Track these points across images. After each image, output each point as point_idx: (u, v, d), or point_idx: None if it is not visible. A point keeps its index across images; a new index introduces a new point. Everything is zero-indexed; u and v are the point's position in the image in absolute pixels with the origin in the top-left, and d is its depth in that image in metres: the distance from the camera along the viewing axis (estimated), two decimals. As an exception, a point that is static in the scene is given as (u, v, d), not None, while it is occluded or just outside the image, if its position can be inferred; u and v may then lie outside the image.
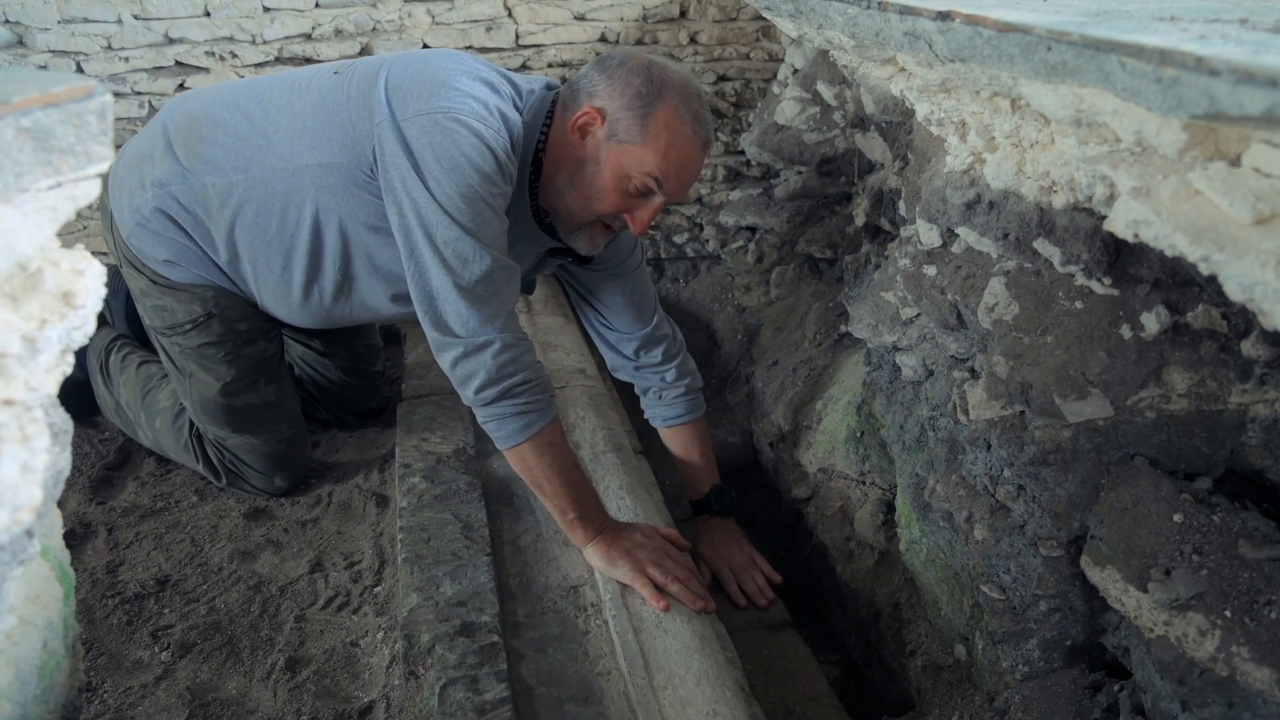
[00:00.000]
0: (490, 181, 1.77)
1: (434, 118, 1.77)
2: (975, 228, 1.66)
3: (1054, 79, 1.16)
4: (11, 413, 0.71)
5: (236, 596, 1.98)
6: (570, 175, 1.89)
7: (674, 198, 1.90)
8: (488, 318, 1.80)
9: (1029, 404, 1.52)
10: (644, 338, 2.29)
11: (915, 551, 1.93)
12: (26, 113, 0.78)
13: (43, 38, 2.87)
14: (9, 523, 0.68)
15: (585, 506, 1.92)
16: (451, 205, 1.76)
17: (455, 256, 1.77)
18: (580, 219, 1.93)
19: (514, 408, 1.84)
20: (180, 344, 2.19)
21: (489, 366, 1.81)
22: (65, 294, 0.87)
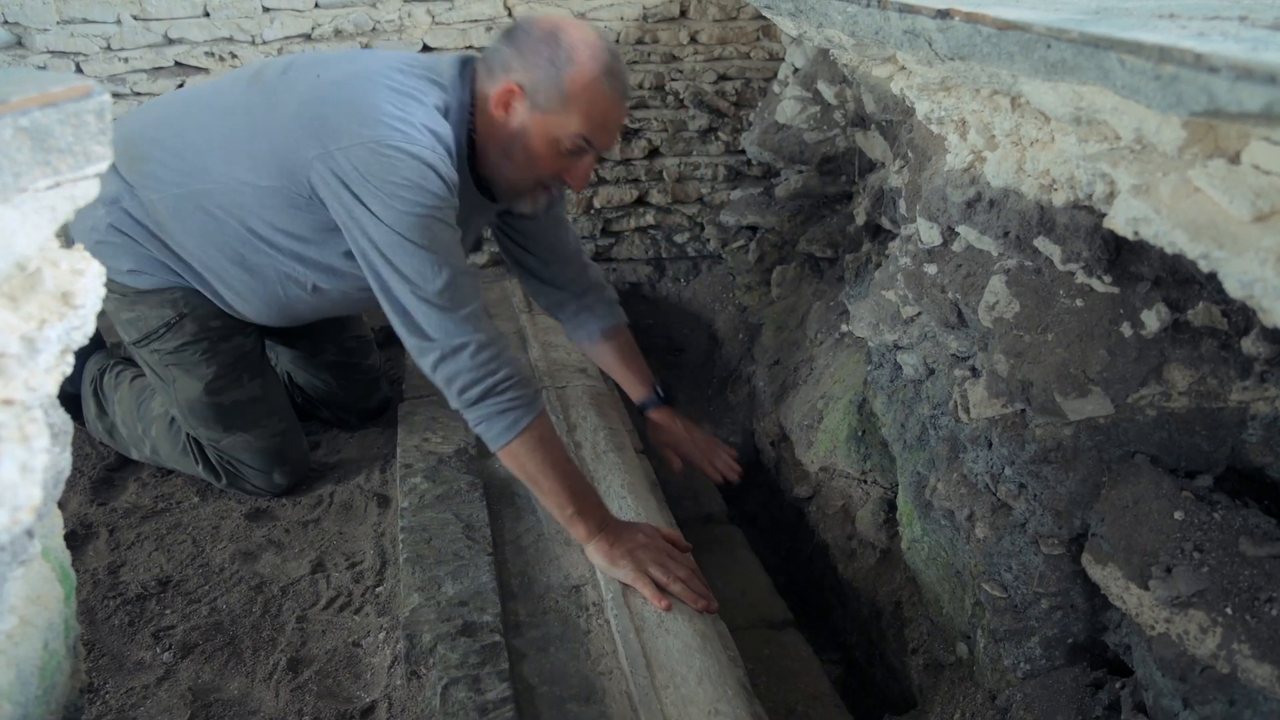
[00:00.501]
0: (435, 197, 1.82)
1: (368, 147, 1.80)
2: (976, 226, 1.66)
3: (1054, 77, 1.16)
4: (11, 413, 0.71)
5: (238, 597, 1.98)
6: (503, 149, 1.95)
7: (604, 149, 1.97)
8: (460, 320, 1.84)
9: (1030, 402, 1.52)
10: (575, 268, 2.41)
11: (917, 550, 1.93)
12: (25, 112, 0.78)
13: (42, 38, 2.87)
14: (9, 523, 0.68)
15: (583, 501, 1.92)
16: (402, 227, 1.80)
17: (416, 274, 1.82)
18: (521, 186, 2.00)
19: (499, 405, 1.86)
20: (159, 351, 2.20)
21: (468, 367, 1.84)
22: (64, 294, 0.87)
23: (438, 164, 1.83)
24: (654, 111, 3.43)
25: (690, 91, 3.42)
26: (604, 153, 1.99)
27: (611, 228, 3.52)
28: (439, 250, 1.82)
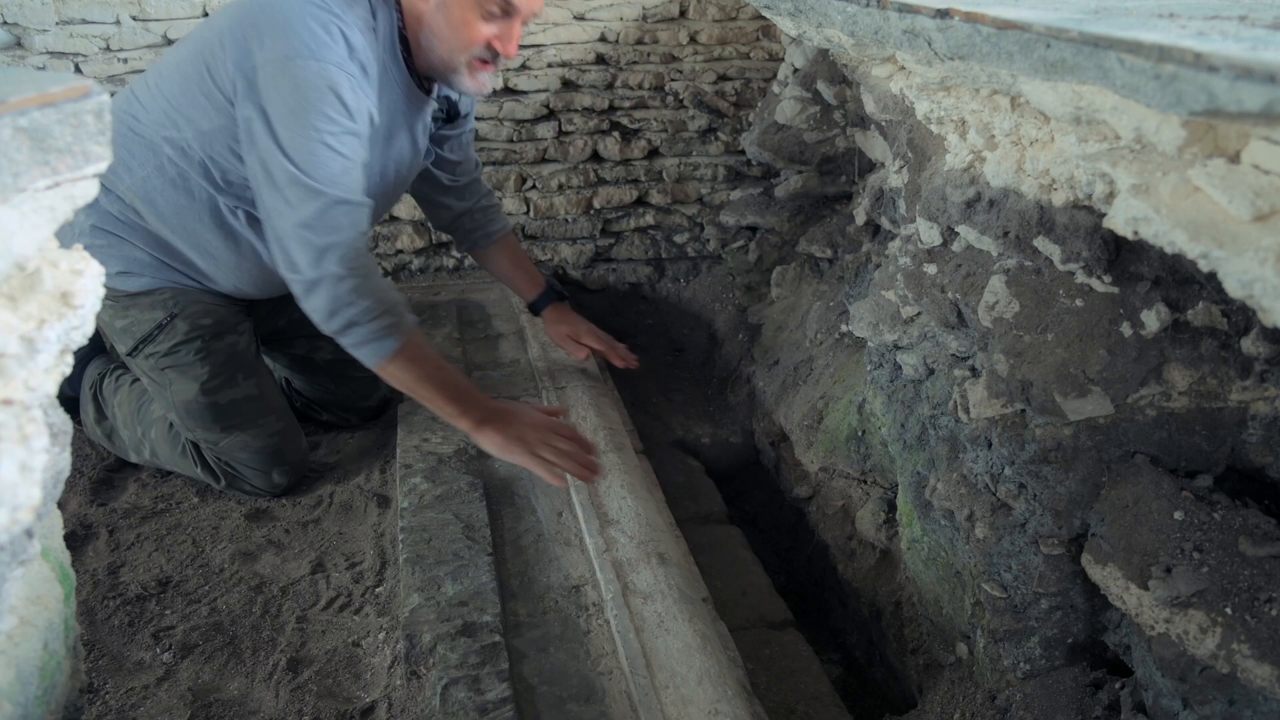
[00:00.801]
0: (331, 121, 1.88)
1: (277, 63, 1.87)
2: (975, 226, 1.66)
3: (1053, 76, 1.16)
4: (10, 412, 0.71)
5: (238, 597, 1.98)
6: (431, 30, 2.02)
7: (528, 10, 2.01)
8: (322, 252, 1.91)
9: (1030, 402, 1.52)
10: (477, 178, 2.58)
11: (916, 550, 1.93)
12: (24, 112, 0.78)
13: (41, 39, 2.87)
14: (8, 522, 0.68)
15: (463, 400, 2.03)
16: (289, 147, 1.88)
17: (290, 198, 1.89)
18: (456, 62, 2.05)
19: (362, 335, 1.96)
20: (153, 355, 2.22)
21: (328, 299, 1.93)
22: (64, 294, 0.87)
23: (341, 84, 1.89)
24: (654, 112, 3.42)
25: (690, 92, 3.42)
26: (529, 13, 2.02)
27: (611, 228, 3.52)
28: (320, 177, 1.89)
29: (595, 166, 3.44)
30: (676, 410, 3.06)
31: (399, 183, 2.29)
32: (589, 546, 1.97)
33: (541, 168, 3.39)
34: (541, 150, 3.37)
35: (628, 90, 3.39)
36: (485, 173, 3.32)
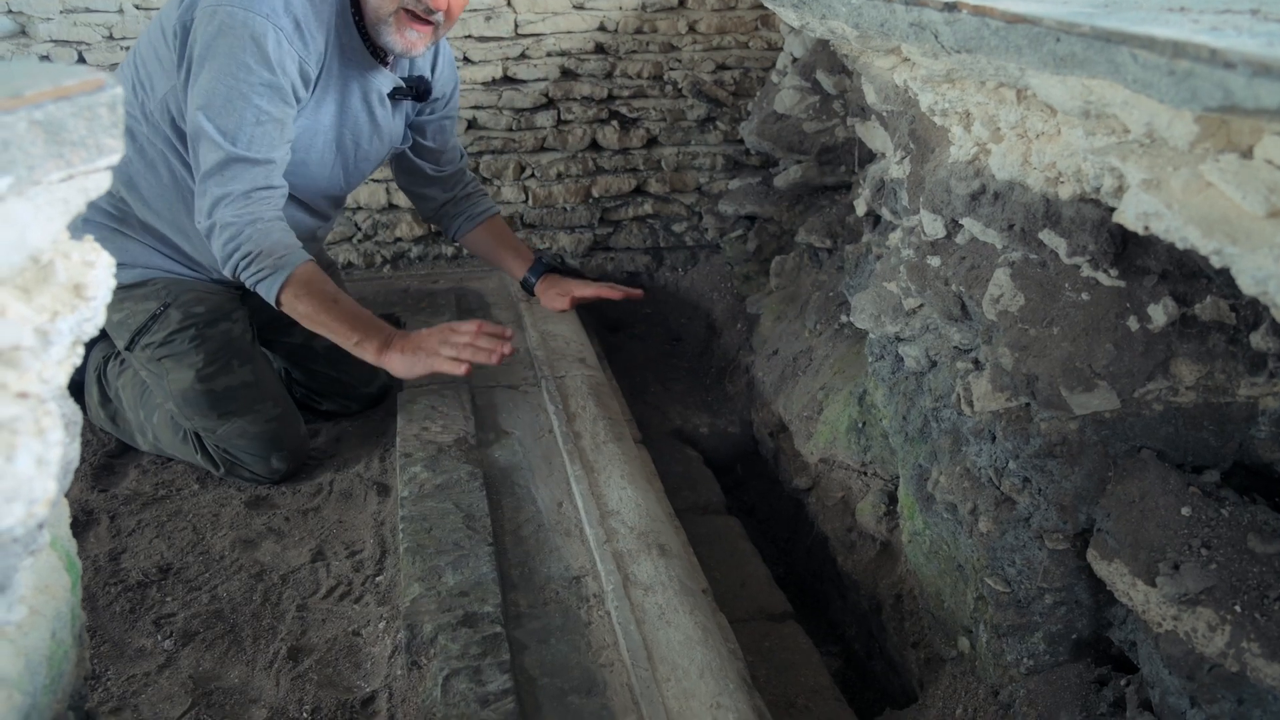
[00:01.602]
0: (249, 70, 1.92)
1: (209, 9, 1.92)
2: (980, 219, 1.65)
3: (1063, 70, 1.16)
4: (26, 406, 0.70)
5: (238, 585, 1.98)
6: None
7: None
8: (216, 201, 1.97)
9: (1035, 396, 1.52)
10: (461, 168, 2.60)
11: (918, 543, 1.93)
12: (39, 106, 0.77)
13: (45, 27, 2.88)
14: (24, 516, 0.67)
15: (364, 329, 2.04)
16: (206, 92, 1.92)
17: (202, 149, 1.95)
18: (384, 11, 2.05)
19: (253, 276, 2.00)
20: (149, 345, 2.24)
21: (217, 246, 2.00)
22: (76, 285, 0.86)
23: (265, 34, 1.92)
24: (652, 101, 3.42)
25: (689, 81, 3.41)
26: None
27: (609, 217, 3.51)
28: (226, 128, 1.94)
29: (594, 155, 3.43)
30: (675, 400, 3.06)
31: (361, 157, 2.30)
32: (589, 537, 1.97)
33: (540, 156, 3.39)
34: (540, 139, 3.37)
35: (626, 79, 3.38)
36: (484, 161, 3.31)
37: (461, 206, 2.60)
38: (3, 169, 0.74)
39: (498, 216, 2.67)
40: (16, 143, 0.76)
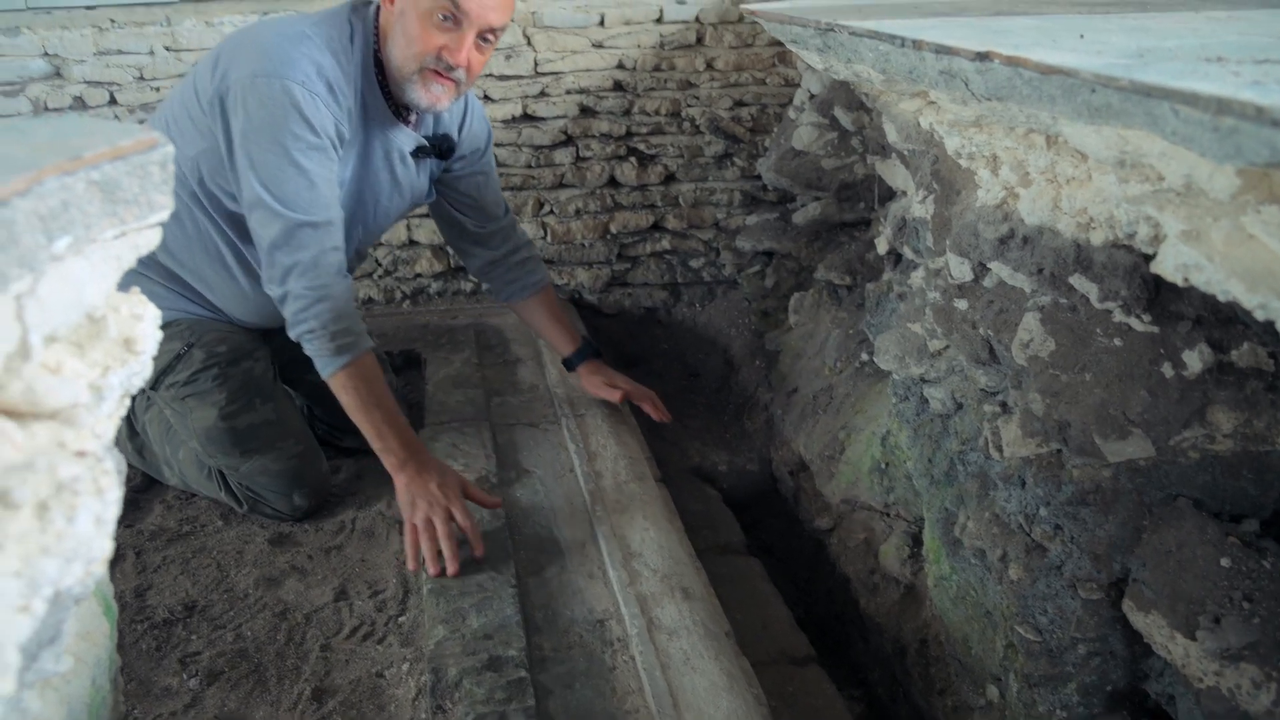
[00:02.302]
0: (296, 138, 1.95)
1: (246, 82, 1.95)
2: (1009, 263, 1.65)
3: (1097, 120, 1.16)
4: (85, 465, 0.70)
5: (263, 624, 1.97)
6: (391, 40, 2.06)
7: (480, 20, 2.00)
8: (287, 271, 2.00)
9: (1067, 442, 1.51)
10: (507, 225, 2.56)
11: (944, 588, 1.92)
12: (97, 166, 0.78)
13: (79, 69, 2.94)
14: (83, 575, 0.68)
15: (385, 440, 2.05)
16: (258, 164, 1.96)
17: (263, 218, 1.99)
18: (408, 70, 2.06)
19: (312, 349, 2.04)
20: (173, 385, 2.26)
21: (288, 313, 2.03)
22: (126, 339, 0.87)
23: (302, 100, 1.95)
24: (670, 137, 3.43)
25: (706, 118, 3.43)
26: (481, 25, 2.01)
27: (627, 253, 3.53)
28: (285, 197, 1.97)
29: (612, 192, 3.45)
30: (693, 436, 3.06)
31: (381, 213, 2.32)
32: (612, 580, 1.96)
33: (559, 193, 3.40)
34: (559, 176, 3.38)
35: (645, 116, 3.40)
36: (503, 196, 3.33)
37: (514, 273, 2.57)
38: (63, 229, 0.75)
39: (549, 289, 2.64)
40: (76, 203, 0.76)
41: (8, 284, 0.68)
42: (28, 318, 0.72)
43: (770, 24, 1.99)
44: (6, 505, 0.62)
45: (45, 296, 0.74)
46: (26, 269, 0.70)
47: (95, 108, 3.00)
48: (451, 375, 2.81)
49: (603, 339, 3.36)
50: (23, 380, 0.71)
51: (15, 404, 0.71)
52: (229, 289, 2.29)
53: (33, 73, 2.94)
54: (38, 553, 0.63)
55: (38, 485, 0.65)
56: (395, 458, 2.05)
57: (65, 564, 0.65)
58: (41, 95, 2.95)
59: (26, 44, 2.91)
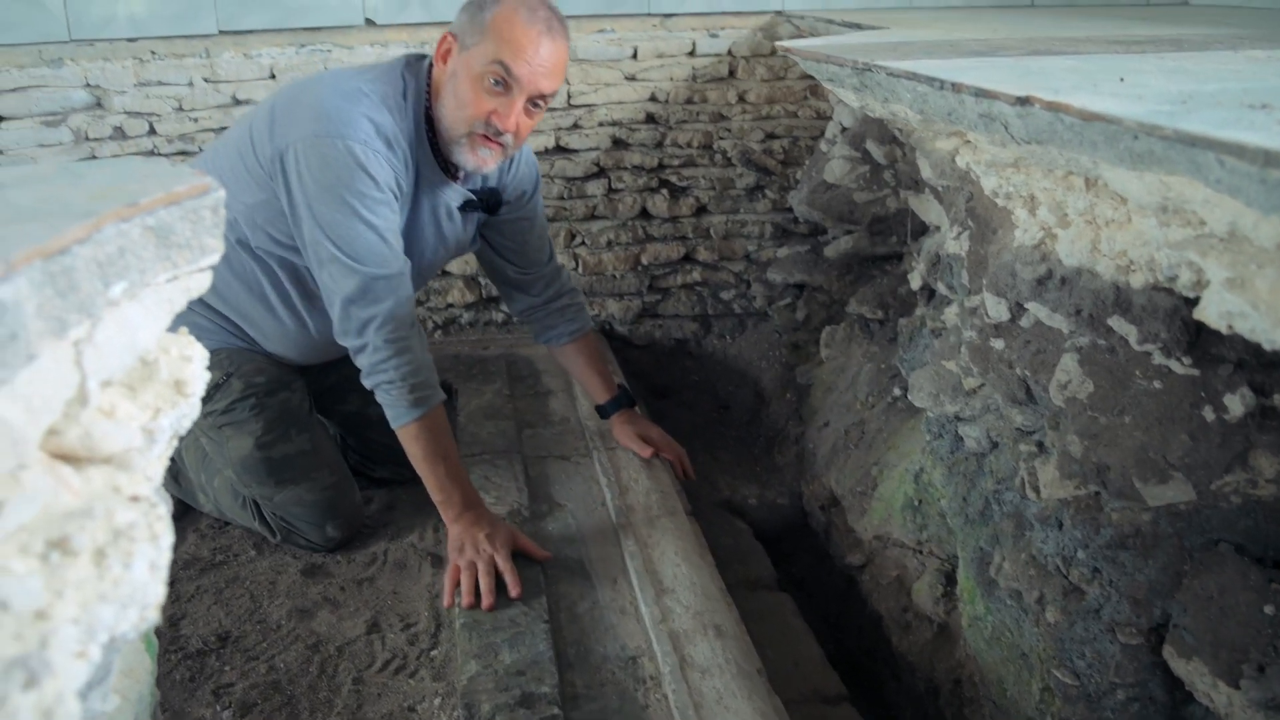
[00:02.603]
0: (362, 196, 1.98)
1: (306, 141, 1.98)
2: (1046, 303, 1.65)
3: (1139, 166, 1.16)
4: (139, 510, 0.71)
5: (295, 655, 1.98)
6: (442, 100, 2.08)
7: (531, 85, 2.01)
8: (364, 324, 2.03)
9: (1106, 485, 1.50)
10: (550, 272, 2.54)
11: (979, 628, 1.90)
12: (152, 212, 0.79)
13: (119, 99, 2.99)
14: (138, 621, 0.68)
15: (451, 494, 2.08)
16: (327, 223, 1.99)
17: (336, 273, 2.02)
18: (457, 133, 2.07)
19: (386, 399, 2.07)
20: (211, 414, 2.29)
21: (366, 364, 2.06)
22: (177, 381, 0.88)
23: (366, 158, 1.98)
24: (702, 170, 3.45)
25: (738, 150, 3.44)
26: (531, 90, 2.01)
27: (658, 284, 3.54)
28: (357, 254, 2.00)
29: (644, 223, 3.46)
30: (723, 470, 3.05)
31: (425, 266, 2.33)
32: (645, 616, 1.96)
33: (591, 224, 3.42)
34: (591, 207, 3.40)
35: (677, 148, 3.42)
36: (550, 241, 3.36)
37: (553, 319, 2.56)
38: (119, 275, 0.76)
39: (590, 335, 2.63)
40: (132, 249, 0.77)
41: (66, 330, 0.69)
42: (86, 364, 0.73)
43: (806, 62, 1.99)
44: (66, 552, 0.63)
45: (102, 342, 0.75)
46: (85, 315, 0.71)
47: (134, 138, 3.04)
48: (483, 406, 2.82)
49: (633, 370, 3.36)
50: (80, 426, 0.72)
51: (73, 449, 0.72)
52: (271, 326, 2.31)
53: (74, 103, 2.98)
54: (95, 599, 0.63)
55: (95, 532, 0.65)
56: (454, 510, 2.07)
57: (121, 610, 0.66)
58: (83, 125, 2.99)
59: (69, 75, 2.96)
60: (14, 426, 0.64)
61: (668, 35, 3.32)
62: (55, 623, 0.59)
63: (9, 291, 0.63)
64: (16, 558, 0.61)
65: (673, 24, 3.33)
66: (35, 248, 0.67)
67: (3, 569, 0.59)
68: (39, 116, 2.96)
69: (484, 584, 1.96)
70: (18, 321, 0.63)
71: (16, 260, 0.65)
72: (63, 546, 0.63)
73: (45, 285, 0.67)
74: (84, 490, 0.69)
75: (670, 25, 3.33)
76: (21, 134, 2.94)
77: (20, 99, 2.93)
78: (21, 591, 0.59)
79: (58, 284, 0.68)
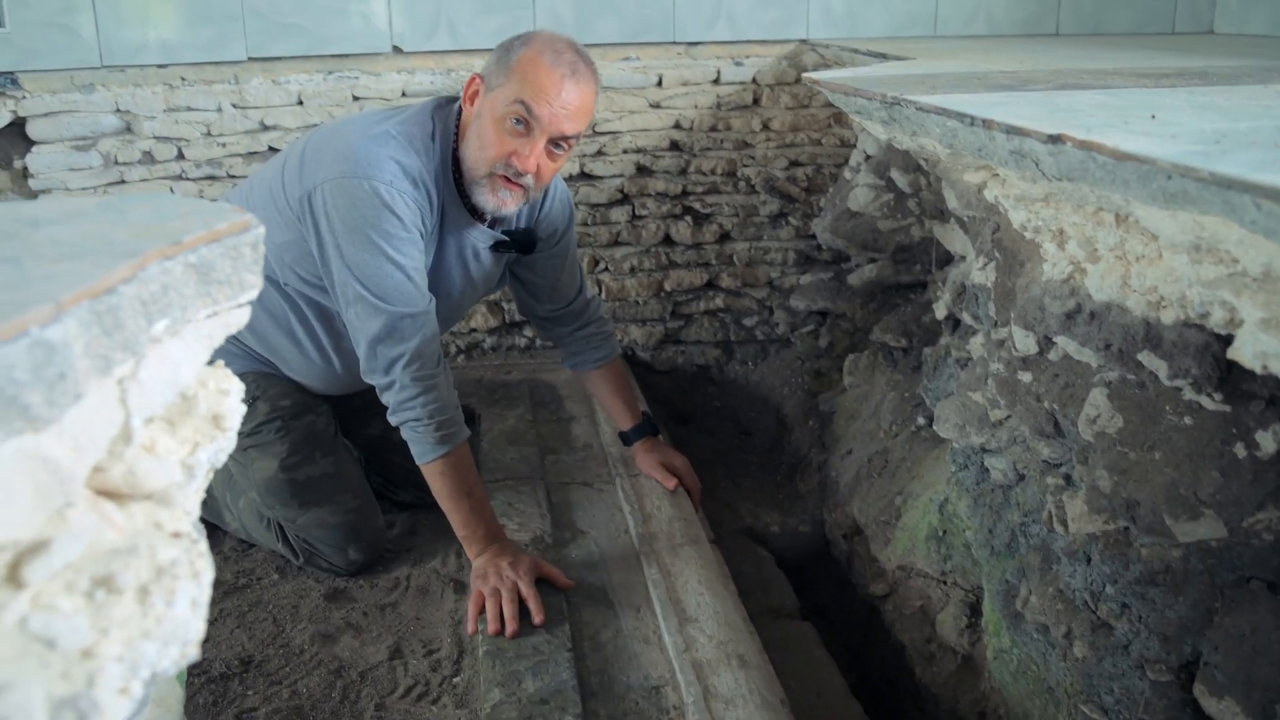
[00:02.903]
0: (389, 236, 1.99)
1: (334, 182, 2.00)
2: (1075, 337, 1.64)
3: (1173, 206, 1.16)
4: (180, 547, 0.72)
5: (318, 681, 1.98)
6: (467, 141, 2.10)
7: (553, 126, 2.01)
8: (391, 362, 2.04)
9: (1135, 521, 1.50)
10: (580, 304, 2.54)
11: (1004, 661, 1.89)
12: (194, 250, 0.80)
13: (149, 125, 3.02)
14: (179, 657, 0.68)
15: (475, 529, 2.10)
16: (354, 263, 2.00)
17: (360, 313, 2.03)
18: (478, 173, 2.08)
19: (413, 435, 2.08)
20: (237, 434, 2.24)
21: (393, 401, 2.07)
22: (215, 416, 0.89)
23: (392, 198, 1.99)
24: (725, 197, 3.46)
25: (762, 177, 3.45)
26: (553, 131, 2.01)
27: (681, 310, 3.54)
28: (384, 293, 2.01)
29: (667, 250, 3.48)
30: (745, 496, 3.05)
31: (453, 306, 2.35)
32: (668, 645, 1.95)
33: (614, 250, 3.43)
34: (615, 233, 3.42)
35: (700, 176, 3.43)
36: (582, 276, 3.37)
37: (578, 345, 2.57)
38: (161, 312, 0.76)
39: (616, 361, 2.63)
40: (174, 286, 0.78)
41: (111, 368, 0.70)
42: (130, 401, 0.73)
43: (835, 95, 2.00)
44: (111, 590, 0.63)
45: (145, 379, 0.76)
46: (129, 352, 0.72)
47: (163, 162, 3.07)
48: (506, 432, 2.82)
49: (655, 396, 3.36)
50: (124, 463, 0.72)
51: (116, 486, 0.72)
52: (298, 361, 2.33)
53: (105, 128, 3.02)
54: (139, 636, 0.64)
55: (139, 569, 0.66)
56: (478, 545, 2.09)
57: (163, 647, 0.66)
58: (112, 150, 3.02)
59: (100, 100, 2.99)
60: (61, 465, 0.65)
61: (692, 63, 3.34)
62: (101, 661, 0.60)
63: (58, 332, 0.64)
64: (63, 596, 0.61)
65: (698, 52, 3.35)
66: (84, 289, 0.67)
67: (50, 607, 0.60)
68: (70, 141, 3.00)
69: (508, 611, 1.96)
70: (66, 361, 0.64)
71: (66, 301, 0.65)
72: (108, 584, 0.63)
73: (92, 324, 0.68)
74: (127, 527, 0.70)
75: (695, 53, 3.35)
76: (53, 158, 2.98)
77: (52, 123, 2.97)
78: (69, 630, 0.59)
79: (104, 323, 0.69)
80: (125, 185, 3.06)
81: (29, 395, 0.60)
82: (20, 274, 0.73)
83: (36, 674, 0.56)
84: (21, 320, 0.61)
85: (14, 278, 0.71)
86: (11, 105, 2.94)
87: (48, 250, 0.79)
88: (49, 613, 0.59)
